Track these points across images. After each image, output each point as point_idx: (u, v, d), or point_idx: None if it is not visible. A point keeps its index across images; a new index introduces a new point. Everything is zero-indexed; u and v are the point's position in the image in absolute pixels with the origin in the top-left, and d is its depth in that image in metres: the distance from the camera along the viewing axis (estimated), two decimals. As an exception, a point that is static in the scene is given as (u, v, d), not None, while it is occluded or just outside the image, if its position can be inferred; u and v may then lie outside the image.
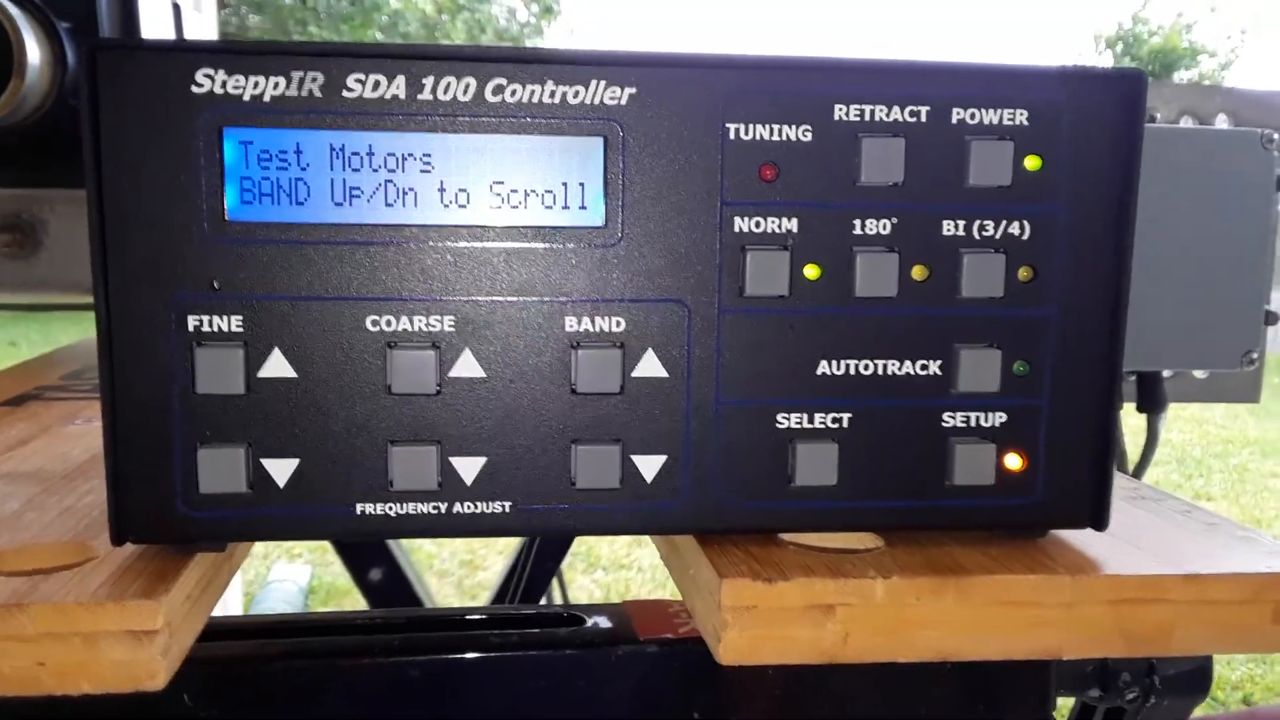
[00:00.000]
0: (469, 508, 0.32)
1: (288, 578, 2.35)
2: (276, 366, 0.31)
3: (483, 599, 2.52)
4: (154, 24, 0.68)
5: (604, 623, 0.42)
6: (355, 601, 2.43)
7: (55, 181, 0.68)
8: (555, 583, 1.15)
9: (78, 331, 0.84)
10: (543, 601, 1.06)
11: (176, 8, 0.72)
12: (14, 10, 0.59)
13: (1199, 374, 0.69)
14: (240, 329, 0.31)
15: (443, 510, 0.32)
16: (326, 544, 2.52)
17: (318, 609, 2.43)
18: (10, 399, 0.57)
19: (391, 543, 1.04)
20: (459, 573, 2.66)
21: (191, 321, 0.31)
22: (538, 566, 0.96)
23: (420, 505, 0.32)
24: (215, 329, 0.31)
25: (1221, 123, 0.70)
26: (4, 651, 0.29)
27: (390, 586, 1.06)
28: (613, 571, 2.71)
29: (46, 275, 0.70)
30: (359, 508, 0.32)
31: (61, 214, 0.70)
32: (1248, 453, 4.13)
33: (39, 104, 0.63)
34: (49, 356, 0.75)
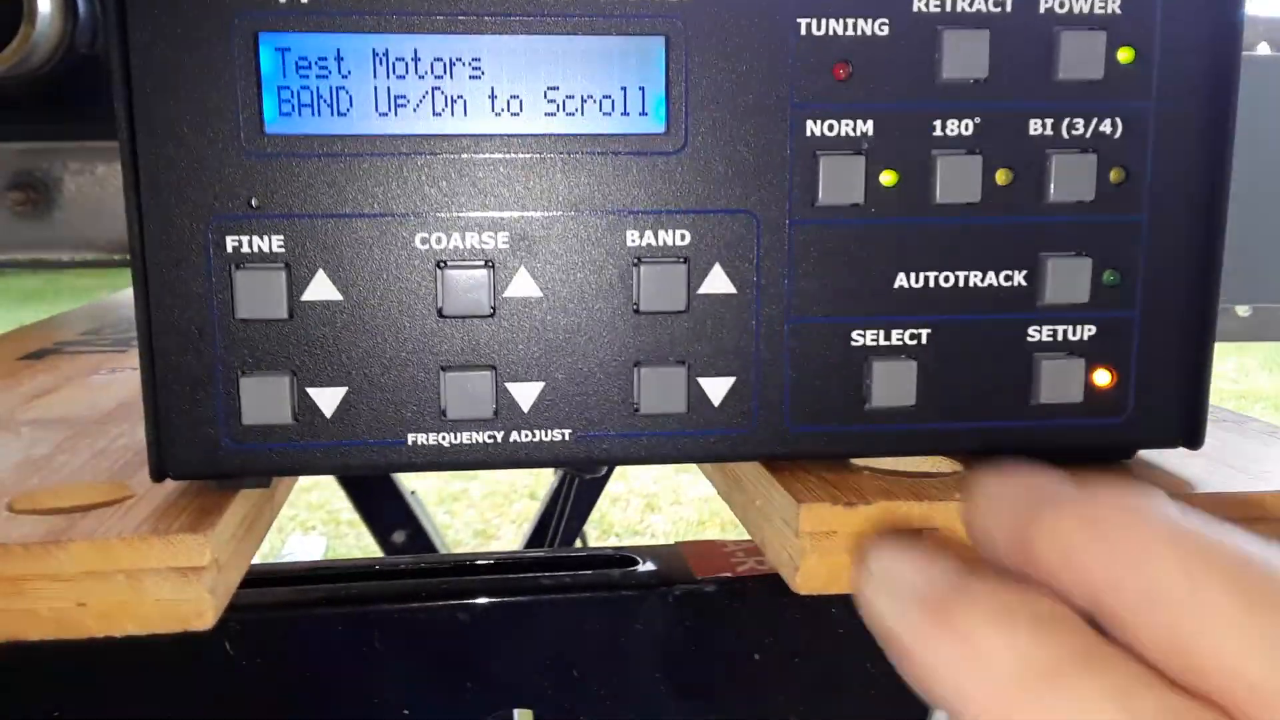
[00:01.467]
0: (526, 436, 0.30)
1: (301, 551, 2.35)
2: (321, 289, 0.29)
3: (498, 568, 2.52)
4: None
5: (659, 565, 0.40)
6: (371, 572, 2.43)
7: (68, 134, 0.66)
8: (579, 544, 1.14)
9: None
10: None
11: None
12: (21, -49, 0.57)
13: (1241, 311, 0.67)
14: (281, 249, 0.29)
15: (499, 439, 0.30)
16: (341, 516, 2.52)
17: (334, 580, 2.43)
18: (30, 353, 0.56)
19: (415, 505, 1.03)
20: (473, 543, 2.65)
21: (230, 243, 0.29)
22: (566, 525, 0.94)
23: (475, 434, 0.30)
24: (255, 250, 0.29)
25: (1263, 50, 0.68)
26: (42, 592, 0.27)
27: (414, 549, 1.05)
28: (627, 538, 2.70)
29: (60, 234, 0.68)
30: (410, 438, 0.30)
31: (75, 170, 0.68)
32: (1260, 408, 4.10)
33: (50, 53, 0.61)
34: (64, 316, 0.73)
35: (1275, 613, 0.16)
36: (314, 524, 2.62)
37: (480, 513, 2.74)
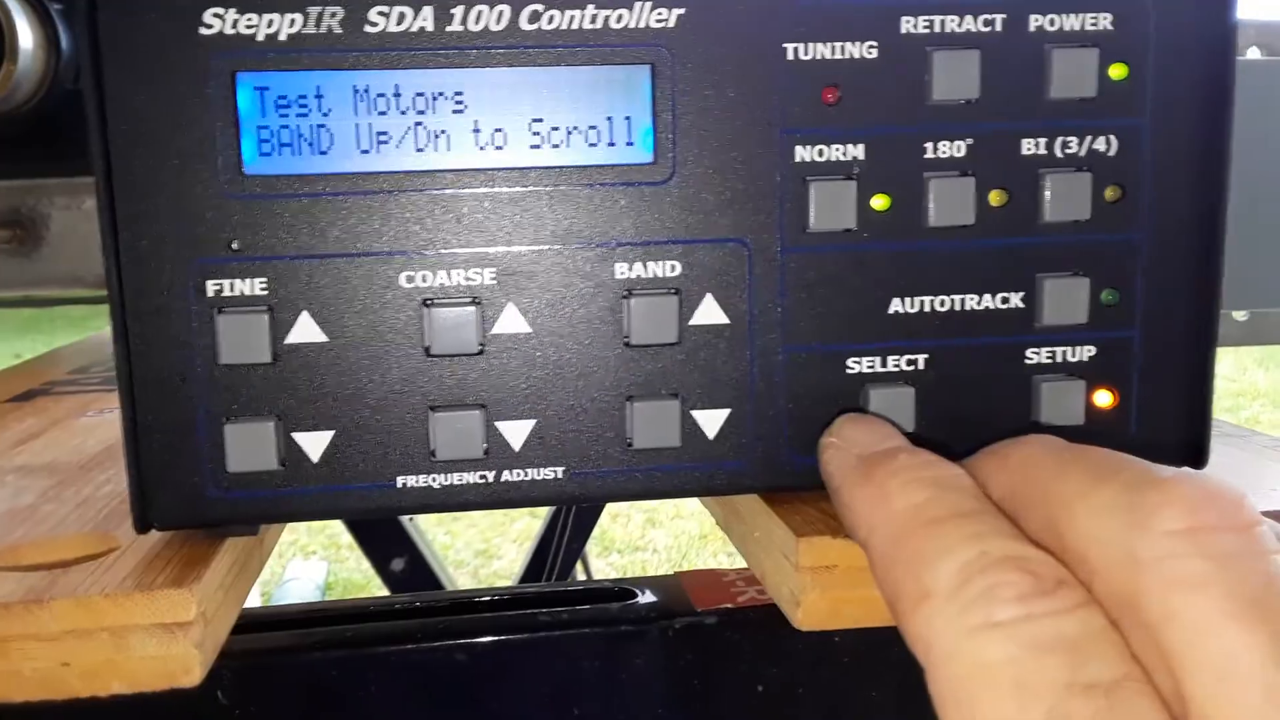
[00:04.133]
0: (518, 475, 0.30)
1: (303, 575, 2.34)
2: (305, 331, 0.29)
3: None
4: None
5: (659, 596, 0.39)
6: (372, 596, 2.41)
7: (54, 171, 0.66)
8: (579, 565, 1.13)
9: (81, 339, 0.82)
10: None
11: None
12: (0, -10, 0.56)
13: (1239, 316, 0.67)
14: (264, 292, 0.28)
15: (490, 479, 0.30)
16: (342, 540, 2.51)
17: (335, 605, 2.41)
18: (17, 395, 0.55)
19: (414, 532, 1.02)
20: (474, 562, 2.64)
21: (211, 287, 0.28)
22: (566, 548, 0.93)
23: (466, 475, 0.29)
24: (237, 294, 0.28)
25: (1254, 55, 0.67)
26: (25, 652, 0.26)
27: (413, 577, 1.04)
28: (628, 554, 2.69)
29: (49, 271, 0.67)
30: (400, 481, 0.29)
31: (62, 206, 0.67)
32: (1259, 405, 4.10)
33: (33, 90, 0.61)
34: (53, 354, 0.72)
35: (1115, 485, 0.21)
36: (314, 549, 2.61)
37: (481, 532, 2.73)
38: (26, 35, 0.59)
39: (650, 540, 2.74)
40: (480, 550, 2.69)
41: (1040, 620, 0.19)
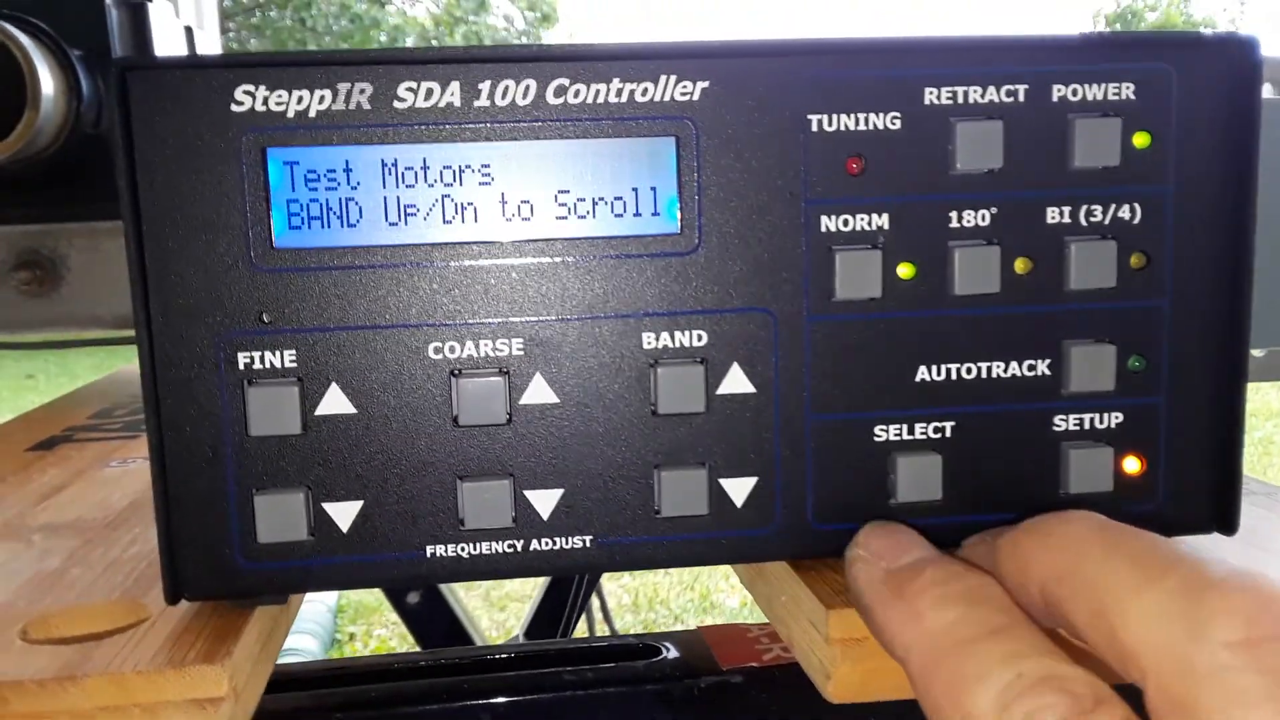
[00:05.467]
0: (547, 544, 0.30)
1: (315, 597, 2.33)
2: (335, 403, 0.29)
3: (511, 609, 2.50)
4: (167, 48, 0.66)
5: (682, 652, 0.39)
6: (384, 618, 2.40)
7: (74, 215, 0.66)
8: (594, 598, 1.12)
9: (93, 362, 0.82)
10: (582, 621, 1.04)
11: (189, 30, 0.70)
12: (25, 39, 0.57)
13: (1257, 353, 0.67)
14: (294, 364, 0.29)
15: (519, 548, 0.30)
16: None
17: (347, 628, 2.41)
18: (40, 443, 0.55)
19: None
20: (485, 583, 2.63)
21: (241, 359, 0.28)
22: (582, 588, 0.93)
23: (494, 544, 0.30)
24: (267, 366, 0.28)
25: (1266, 93, 0.67)
26: (59, 728, 0.26)
27: (428, 608, 1.04)
28: (640, 575, 2.68)
29: (68, 311, 0.68)
30: (429, 550, 0.29)
31: (81, 248, 0.68)
32: (1272, 425, 4.08)
33: (55, 136, 0.61)
34: (75, 395, 0.73)
35: (1169, 584, 0.21)
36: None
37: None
38: (48, 82, 0.60)
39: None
40: (492, 573, 2.68)
41: None
